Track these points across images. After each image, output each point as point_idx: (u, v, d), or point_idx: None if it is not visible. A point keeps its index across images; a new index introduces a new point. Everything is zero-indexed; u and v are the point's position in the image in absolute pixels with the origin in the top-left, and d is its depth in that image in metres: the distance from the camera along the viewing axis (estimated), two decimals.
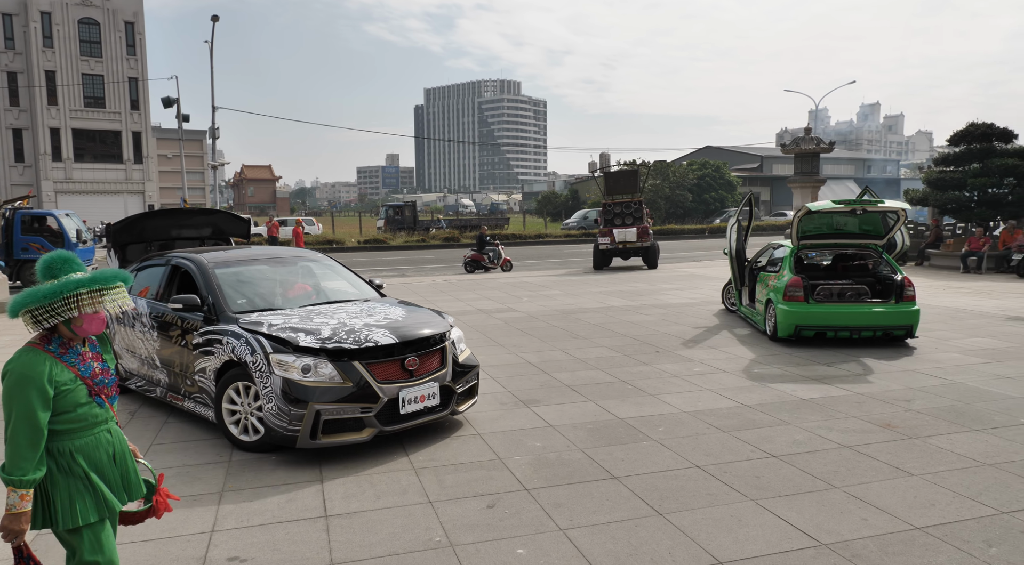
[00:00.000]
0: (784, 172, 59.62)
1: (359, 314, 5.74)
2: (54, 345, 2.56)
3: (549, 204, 62.31)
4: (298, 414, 4.87)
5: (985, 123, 21.38)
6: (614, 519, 4.07)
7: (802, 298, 8.83)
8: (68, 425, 2.56)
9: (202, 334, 5.61)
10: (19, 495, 2.43)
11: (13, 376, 2.47)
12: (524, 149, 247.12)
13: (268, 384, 5.00)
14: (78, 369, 2.58)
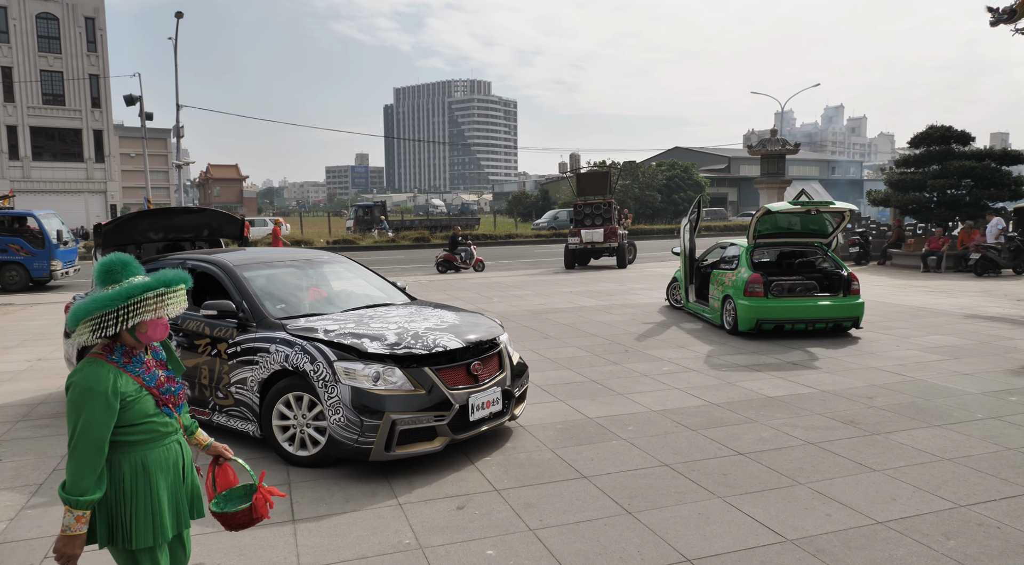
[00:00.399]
0: (751, 173, 60.54)
1: (413, 318, 5.50)
2: (117, 355, 2.42)
3: (520, 204, 62.42)
4: (372, 425, 4.57)
5: (944, 126, 21.96)
6: (584, 518, 4.09)
7: (762, 293, 9.36)
8: (139, 436, 2.43)
9: (239, 343, 5.19)
10: (75, 517, 2.27)
11: (77, 389, 2.32)
12: (494, 149, 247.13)
13: (334, 394, 4.68)
14: (143, 379, 2.44)
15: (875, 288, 15.09)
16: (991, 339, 9.21)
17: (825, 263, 10.33)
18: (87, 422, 2.28)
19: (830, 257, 10.26)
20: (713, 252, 11.48)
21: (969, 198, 20.62)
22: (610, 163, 51.92)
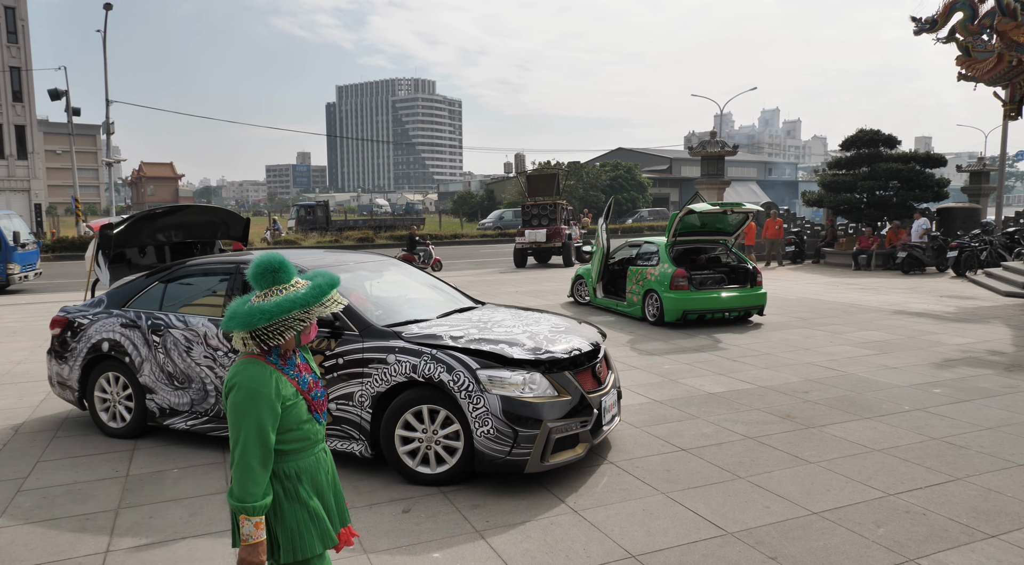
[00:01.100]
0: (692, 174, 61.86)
1: (525, 321, 5.30)
2: (274, 356, 2.33)
3: (465, 204, 62.29)
4: (528, 435, 4.31)
5: (872, 130, 22.86)
6: (530, 518, 4.10)
7: (687, 287, 10.31)
8: (293, 444, 2.34)
9: (341, 355, 4.74)
10: (253, 524, 2.20)
11: (242, 391, 2.23)
12: (439, 149, 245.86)
13: (480, 405, 4.35)
14: (298, 382, 2.36)
15: (810, 286, 15.62)
16: (917, 334, 9.64)
17: (730, 258, 11.40)
18: (255, 424, 2.20)
19: (734, 253, 11.41)
20: (621, 251, 12.21)
21: (896, 199, 21.53)
22: (555, 163, 52.30)
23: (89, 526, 4.06)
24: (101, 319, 5.74)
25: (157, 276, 5.82)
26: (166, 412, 5.45)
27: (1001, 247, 18.70)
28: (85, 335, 5.75)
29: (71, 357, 5.80)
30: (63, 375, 5.89)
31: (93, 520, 4.15)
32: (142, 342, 5.49)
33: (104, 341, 5.65)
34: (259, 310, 2.23)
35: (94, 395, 5.75)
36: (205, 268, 5.73)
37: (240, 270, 5.39)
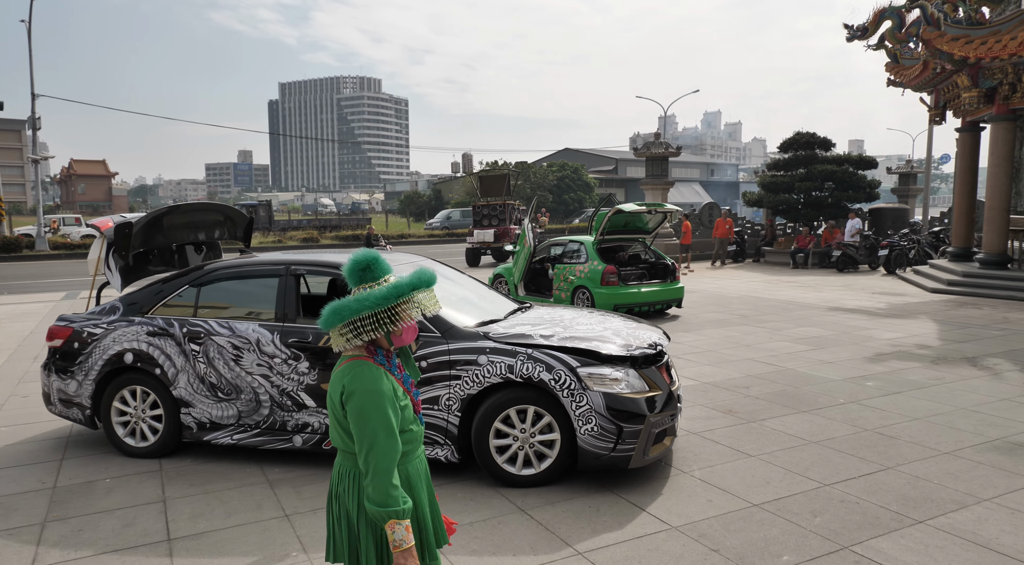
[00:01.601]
0: (637, 174, 62.83)
1: (596, 319, 5.32)
2: (380, 357, 2.26)
3: (412, 204, 61.85)
4: (632, 430, 4.34)
5: (809, 133, 23.62)
6: (478, 519, 4.08)
7: (617, 282, 10.93)
8: (405, 447, 2.27)
9: (424, 357, 4.58)
10: (404, 527, 2.11)
11: (363, 394, 2.14)
12: (386, 148, 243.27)
13: (583, 403, 4.34)
14: (403, 382, 2.31)
15: (751, 284, 16.05)
16: (851, 329, 10.01)
17: (648, 255, 12.15)
18: (383, 425, 2.13)
19: (651, 250, 12.20)
20: (541, 249, 12.60)
21: (831, 199, 22.31)
22: (503, 163, 52.37)
23: (12, 542, 3.87)
24: (120, 328, 5.20)
25: (186, 279, 5.32)
26: (205, 426, 5.06)
27: (928, 246, 19.57)
28: (99, 346, 5.19)
29: (80, 371, 5.22)
30: (68, 391, 5.27)
31: (16, 535, 3.95)
32: (177, 352, 5.04)
33: (127, 352, 5.12)
34: (337, 308, 2.18)
35: (111, 412, 5.19)
36: (248, 270, 5.32)
37: (291, 271, 5.13)
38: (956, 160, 16.96)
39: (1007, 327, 10.07)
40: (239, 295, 5.27)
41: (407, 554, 2.11)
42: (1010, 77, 13.42)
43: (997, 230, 14.41)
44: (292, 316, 5.00)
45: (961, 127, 16.41)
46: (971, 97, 14.10)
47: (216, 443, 5.04)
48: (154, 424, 5.16)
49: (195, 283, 5.28)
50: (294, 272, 5.12)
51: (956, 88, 14.63)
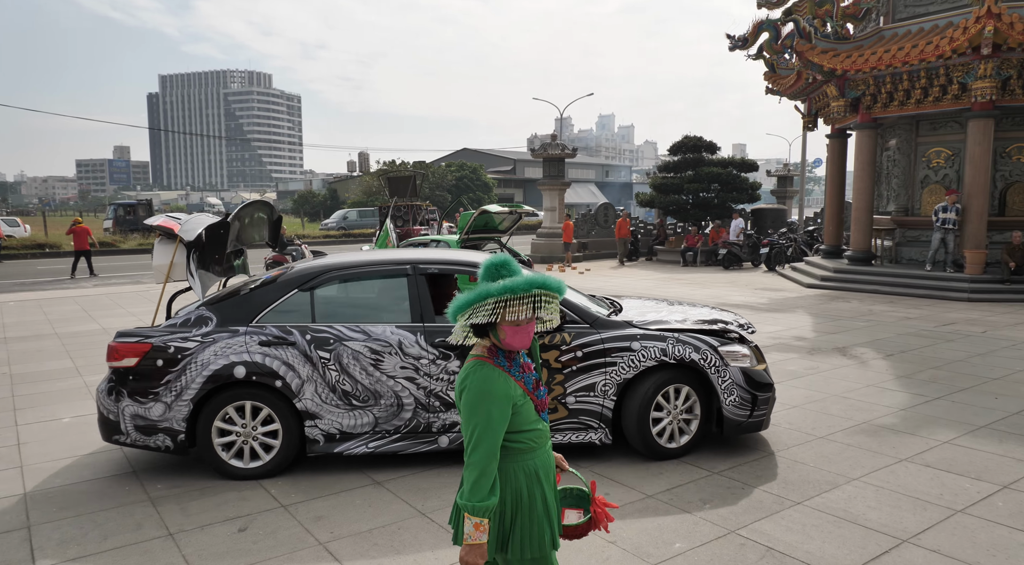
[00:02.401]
0: (535, 175, 63.74)
1: (693, 305, 6.09)
2: (501, 358, 2.32)
3: (306, 204, 60.02)
4: (764, 398, 5.01)
5: (696, 136, 24.74)
6: (377, 525, 4.01)
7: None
8: (526, 443, 2.34)
9: (580, 347, 4.82)
10: (473, 524, 2.18)
11: (473, 392, 2.24)
12: (278, 145, 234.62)
13: (726, 377, 4.94)
14: (524, 382, 2.36)
15: (644, 282, 16.63)
16: None
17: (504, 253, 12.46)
18: (485, 425, 2.22)
19: (507, 248, 12.79)
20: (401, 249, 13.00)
21: (717, 200, 23.48)
22: (400, 162, 51.80)
23: None
24: (222, 339, 4.66)
25: (295, 284, 4.88)
26: (335, 438, 4.74)
27: (804, 244, 20.97)
28: (195, 362, 4.59)
29: (168, 392, 4.60)
30: (150, 416, 4.61)
31: None
32: (302, 361, 4.65)
33: (236, 365, 4.61)
34: (459, 298, 2.27)
35: (211, 433, 4.64)
36: (368, 271, 5.03)
37: (419, 270, 4.98)
38: (827, 164, 18.26)
39: (872, 318, 10.94)
40: (359, 298, 5.13)
41: (470, 549, 2.19)
42: (871, 88, 14.58)
43: (863, 229, 15.63)
44: (430, 316, 4.85)
45: (831, 134, 17.69)
46: (838, 106, 15.22)
47: (348, 454, 4.75)
48: (267, 441, 4.72)
49: (305, 287, 4.87)
50: (423, 271, 4.98)
51: (826, 97, 15.75)
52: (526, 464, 2.35)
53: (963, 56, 12.75)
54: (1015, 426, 5.62)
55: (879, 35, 14.90)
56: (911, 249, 15.64)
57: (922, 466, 4.79)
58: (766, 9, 16.53)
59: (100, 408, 4.70)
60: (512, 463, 2.32)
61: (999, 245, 13.79)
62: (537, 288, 2.25)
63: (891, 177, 15.86)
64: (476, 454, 2.22)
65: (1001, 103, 13.08)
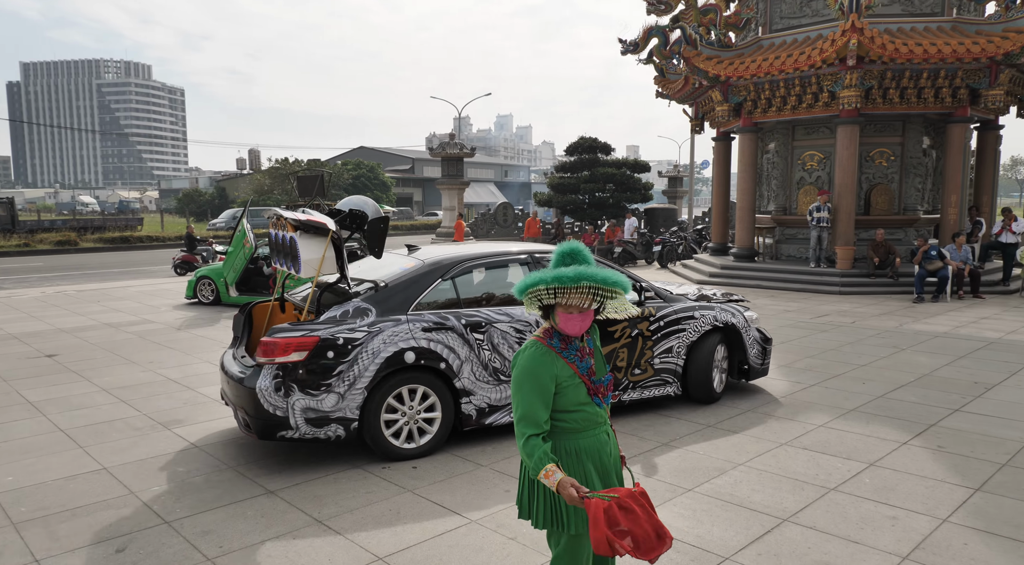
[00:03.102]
0: (434, 174, 63.32)
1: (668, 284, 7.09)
2: (555, 340, 2.46)
3: (192, 202, 56.98)
4: (770, 349, 6.68)
5: (591, 138, 25.39)
6: (270, 536, 3.84)
7: None
8: (573, 424, 2.47)
9: (662, 317, 6.00)
10: (543, 474, 2.28)
11: (518, 369, 2.43)
12: (160, 141, 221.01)
13: (750, 334, 6.46)
14: (577, 366, 2.46)
15: None
16: None
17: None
18: (523, 400, 2.38)
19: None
20: (258, 250, 12.88)
21: (612, 200, 24.19)
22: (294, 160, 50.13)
23: None
24: (388, 328, 4.90)
25: (437, 274, 5.27)
26: (485, 411, 5.24)
27: (693, 242, 21.94)
28: (366, 351, 4.78)
29: (341, 382, 4.72)
30: (323, 408, 4.70)
31: None
32: (460, 343, 5.09)
33: (406, 351, 4.89)
34: (519, 282, 2.41)
35: (380, 418, 4.85)
36: (497, 261, 5.63)
37: (535, 259, 5.73)
38: (713, 166, 19.19)
39: (755, 312, 11.58)
40: (491, 284, 5.60)
41: (561, 483, 2.24)
42: (752, 94, 15.43)
43: (746, 228, 16.52)
44: None
45: (716, 137, 18.59)
46: (723, 110, 16.02)
47: (495, 424, 5.27)
48: (428, 417, 5.06)
49: (447, 276, 5.31)
50: (538, 259, 5.73)
51: (711, 102, 16.53)
52: (567, 443, 2.46)
53: (832, 66, 13.72)
54: (880, 408, 6.10)
55: (758, 44, 15.79)
56: (790, 246, 16.68)
57: (800, 449, 5.11)
58: (655, 15, 17.15)
59: (263, 406, 4.62)
60: (555, 441, 2.45)
61: (866, 242, 14.95)
62: (586, 281, 2.33)
63: (771, 178, 16.85)
64: (520, 425, 2.38)
65: (865, 111, 14.17)
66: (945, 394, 6.52)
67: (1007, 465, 4.76)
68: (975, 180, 16.52)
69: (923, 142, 15.31)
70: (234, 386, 4.85)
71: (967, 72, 13.74)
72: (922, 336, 9.35)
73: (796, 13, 15.53)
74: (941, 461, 4.84)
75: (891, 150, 15.22)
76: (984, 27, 13.86)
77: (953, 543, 3.68)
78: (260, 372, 4.69)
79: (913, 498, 4.24)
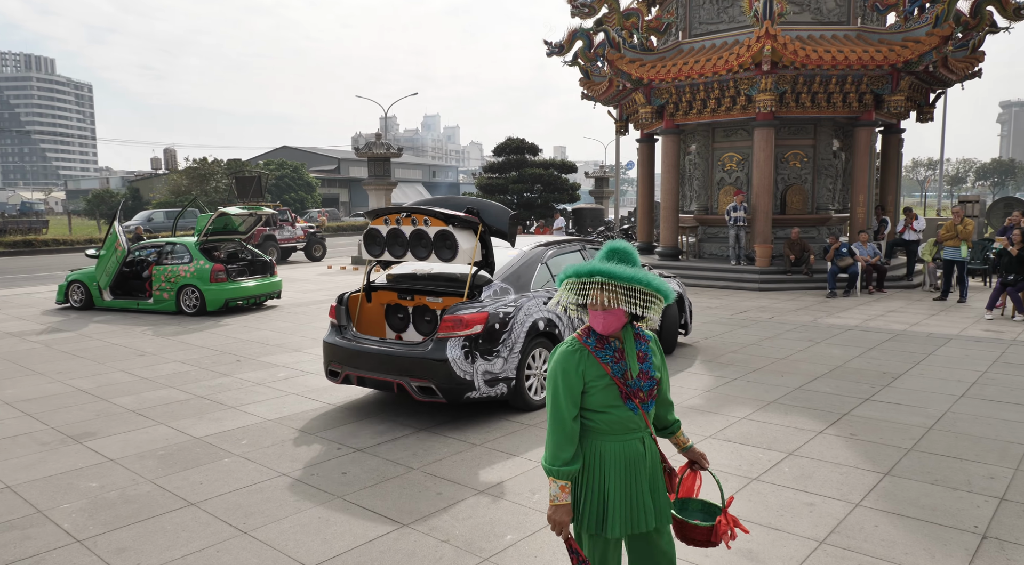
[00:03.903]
0: (360, 175, 62.35)
1: None
2: (592, 339, 2.43)
3: (103, 204, 54.07)
4: (692, 311, 8.80)
5: (519, 138, 25.54)
6: (192, 550, 3.69)
7: (226, 279, 11.88)
8: (599, 424, 2.41)
9: None
10: (558, 486, 2.34)
11: (551, 364, 2.43)
12: (66, 139, 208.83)
13: (686, 300, 8.70)
14: (610, 367, 2.39)
15: None
16: None
17: (245, 254, 13.18)
18: (553, 396, 2.39)
19: (248, 249, 13.28)
20: (134, 253, 12.92)
21: (540, 200, 24.40)
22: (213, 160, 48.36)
23: None
24: (524, 304, 6.07)
25: (538, 259, 6.64)
26: None
27: None
28: (517, 322, 5.92)
29: (504, 348, 5.83)
30: (494, 371, 5.76)
31: None
32: (563, 313, 5.39)
33: (539, 321, 6.11)
34: (565, 269, 2.41)
35: (523, 377, 5.95)
36: (567, 249, 7.14)
37: (586, 247, 7.40)
38: (638, 167, 19.61)
39: None
40: (562, 266, 6.64)
41: (555, 509, 2.35)
42: (674, 97, 15.86)
43: (670, 227, 16.97)
44: None
45: (640, 138, 19.01)
46: (646, 112, 16.40)
47: None
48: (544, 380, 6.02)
49: (543, 262, 6.67)
50: (592, 247, 7.46)
51: (635, 104, 16.90)
52: (592, 444, 2.43)
53: (748, 71, 14.25)
54: (797, 400, 6.37)
55: (678, 48, 16.25)
56: (712, 244, 17.23)
57: (724, 441, 5.28)
58: (580, 18, 17.41)
59: (456, 373, 5.56)
60: (582, 439, 2.43)
61: (783, 240, 15.60)
62: (600, 276, 2.31)
63: (693, 179, 17.36)
64: (549, 422, 2.40)
65: (780, 114, 14.79)
66: (856, 384, 6.87)
67: (912, 450, 5.05)
68: (880, 181, 17.49)
69: (833, 144, 16.11)
70: (400, 360, 5.72)
71: (872, 78, 14.53)
72: (835, 329, 9.83)
73: (714, 19, 16.05)
74: (854, 448, 5.10)
75: (804, 152, 15.94)
76: (886, 36, 14.70)
77: (865, 525, 3.88)
78: (446, 345, 5.59)
79: (828, 484, 4.44)
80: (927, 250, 14.26)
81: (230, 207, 12.60)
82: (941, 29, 13.75)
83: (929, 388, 6.69)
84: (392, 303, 6.60)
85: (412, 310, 6.52)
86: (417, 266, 6.85)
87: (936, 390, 6.62)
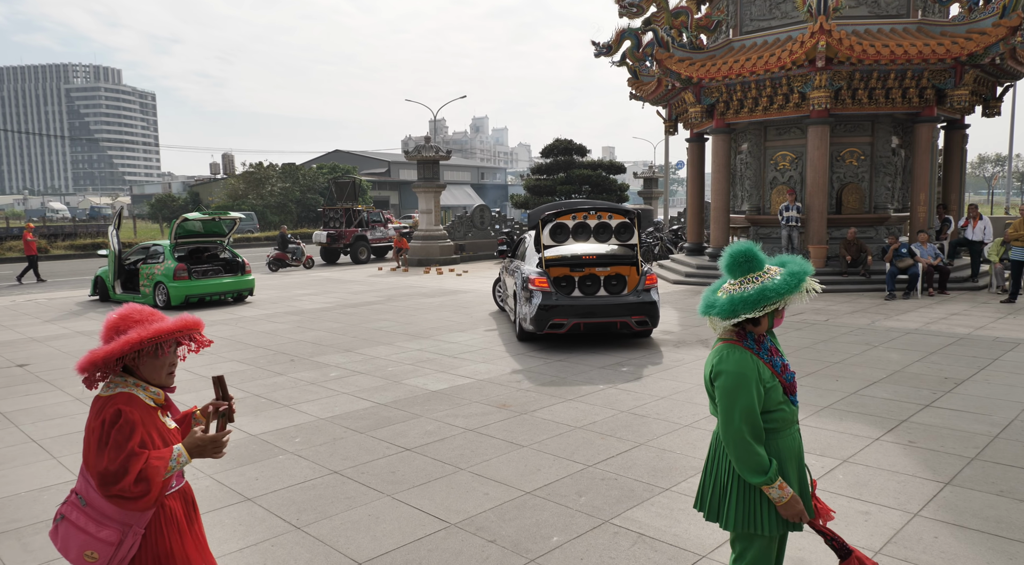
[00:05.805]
0: (410, 177, 63.12)
1: None
2: (750, 341, 2.44)
3: (165, 208, 56.12)
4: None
5: (567, 139, 25.49)
6: (249, 543, 3.81)
7: (187, 277, 13.23)
8: (773, 424, 2.44)
9: None
10: (777, 486, 2.37)
11: (730, 377, 2.38)
12: (131, 146, 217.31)
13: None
14: (772, 365, 2.45)
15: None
16: None
17: (225, 254, 14.50)
18: (746, 406, 2.34)
19: (228, 250, 14.51)
20: (135, 252, 14.77)
21: None
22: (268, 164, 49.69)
23: None
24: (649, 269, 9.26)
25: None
26: None
27: (669, 242, 22.10)
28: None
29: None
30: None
31: None
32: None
33: None
34: (741, 299, 2.35)
35: None
36: None
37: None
38: (687, 167, 19.35)
39: None
40: None
41: (788, 506, 2.38)
42: (724, 96, 15.60)
43: (721, 227, 16.69)
44: None
45: (690, 138, 18.75)
46: (696, 112, 16.17)
47: None
48: None
49: None
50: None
51: (684, 103, 16.68)
52: (770, 444, 2.44)
53: (801, 68, 13.92)
54: (852, 405, 6.20)
55: (729, 46, 15.97)
56: (764, 245, 16.87)
57: None
58: (627, 18, 17.28)
59: (658, 313, 8.94)
60: None
61: (838, 240, 15.17)
62: (807, 276, 2.39)
63: (744, 179, 17.04)
64: (743, 434, 2.35)
65: (835, 111, 14.40)
66: (916, 390, 6.65)
67: (976, 459, 4.87)
68: (943, 178, 16.86)
69: (892, 141, 15.59)
70: (623, 306, 8.72)
71: (933, 73, 14.02)
72: (893, 333, 9.52)
73: (766, 15, 15.73)
74: (912, 456, 4.94)
75: (861, 150, 15.48)
76: (948, 28, 14.17)
77: (924, 536, 3.76)
78: (650, 292, 8.88)
79: (885, 493, 4.32)
80: (994, 250, 13.67)
81: (192, 213, 14.49)
82: (1009, 19, 13.18)
83: (995, 395, 6.43)
84: (565, 275, 9.26)
85: (603, 278, 9.18)
86: (568, 249, 9.45)
87: (1002, 397, 6.35)
